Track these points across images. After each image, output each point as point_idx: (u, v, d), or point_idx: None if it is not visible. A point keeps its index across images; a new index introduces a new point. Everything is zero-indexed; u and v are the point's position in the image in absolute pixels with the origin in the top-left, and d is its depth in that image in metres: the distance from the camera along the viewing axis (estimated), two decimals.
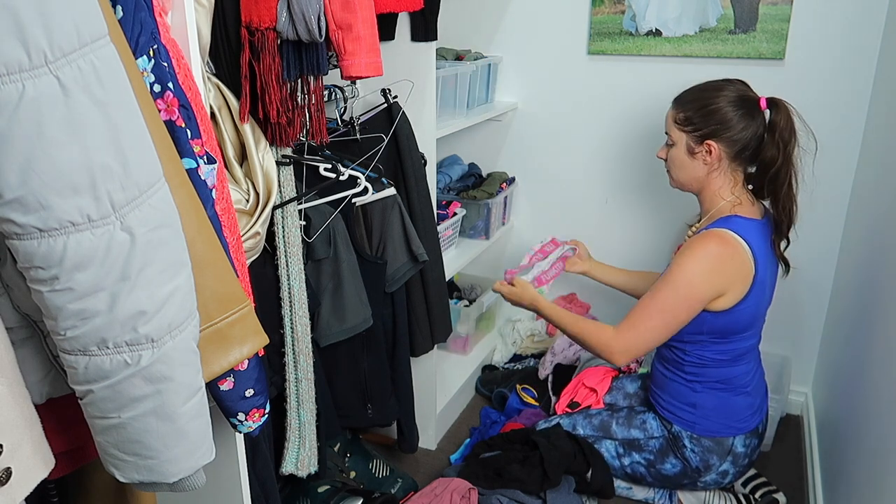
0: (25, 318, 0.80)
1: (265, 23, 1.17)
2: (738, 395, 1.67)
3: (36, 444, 0.73)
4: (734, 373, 1.66)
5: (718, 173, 1.62)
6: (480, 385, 2.35)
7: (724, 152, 1.59)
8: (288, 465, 1.49)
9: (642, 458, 1.75)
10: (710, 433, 1.68)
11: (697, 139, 1.61)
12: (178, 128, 0.85)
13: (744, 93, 1.59)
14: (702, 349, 1.65)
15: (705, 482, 1.72)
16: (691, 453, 1.69)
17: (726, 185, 1.63)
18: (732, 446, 1.68)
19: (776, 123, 1.56)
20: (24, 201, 0.63)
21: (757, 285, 1.57)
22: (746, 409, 1.68)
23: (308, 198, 1.47)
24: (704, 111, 1.59)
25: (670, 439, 1.72)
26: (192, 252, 0.79)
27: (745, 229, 1.57)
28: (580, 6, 2.17)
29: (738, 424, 1.67)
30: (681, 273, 1.55)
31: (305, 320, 1.44)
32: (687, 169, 1.65)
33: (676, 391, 1.71)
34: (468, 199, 2.22)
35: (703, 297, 1.55)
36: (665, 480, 1.75)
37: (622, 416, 1.81)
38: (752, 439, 1.70)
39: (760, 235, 1.59)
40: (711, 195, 1.65)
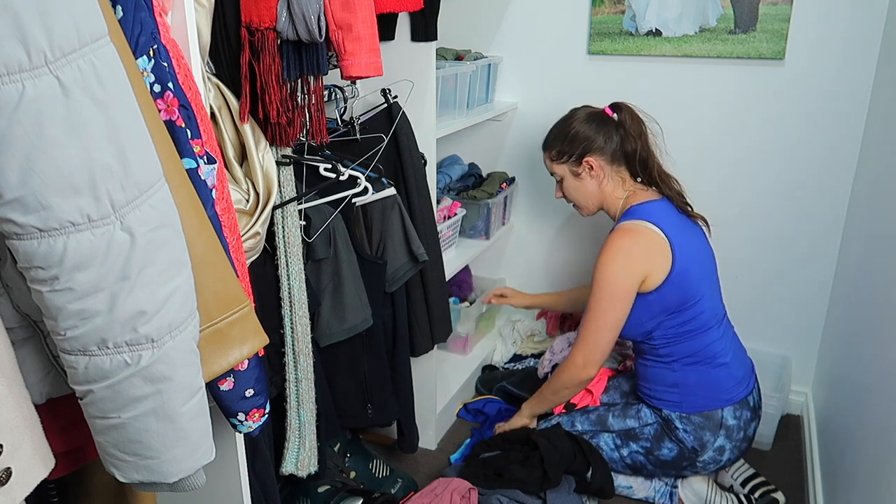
0: (25, 318, 0.80)
1: (265, 23, 1.17)
2: (716, 366, 1.72)
3: (36, 444, 0.73)
4: (704, 342, 1.72)
5: (608, 181, 1.80)
6: (480, 385, 2.35)
7: (602, 161, 1.78)
8: (288, 465, 1.49)
9: (640, 447, 1.78)
10: (698, 408, 1.72)
11: (576, 162, 1.80)
12: (178, 128, 0.85)
13: (590, 109, 1.83)
14: (664, 329, 1.72)
15: (705, 462, 1.74)
16: (684, 434, 1.72)
17: (618, 185, 1.81)
18: (723, 419, 1.71)
19: (623, 122, 1.77)
20: (25, 201, 0.63)
21: (678, 254, 1.66)
22: (728, 379, 1.73)
23: (308, 198, 1.47)
24: (568, 138, 1.80)
25: (663, 424, 1.76)
26: (192, 252, 0.79)
27: (644, 211, 1.72)
28: (580, 6, 2.17)
29: (723, 396, 1.72)
30: (601, 276, 1.69)
31: (305, 320, 1.44)
32: (582, 191, 1.84)
33: (657, 376, 1.76)
34: (468, 199, 2.22)
35: (629, 288, 1.67)
36: (665, 466, 1.77)
37: (618, 409, 1.84)
38: (743, 411, 1.73)
39: (662, 210, 1.73)
40: (611, 202, 1.82)
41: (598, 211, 1.87)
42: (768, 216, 2.12)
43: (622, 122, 1.78)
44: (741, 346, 1.84)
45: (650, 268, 1.66)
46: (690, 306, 1.69)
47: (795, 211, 2.09)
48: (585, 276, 2.44)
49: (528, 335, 2.51)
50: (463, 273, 2.49)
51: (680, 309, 1.69)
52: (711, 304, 1.74)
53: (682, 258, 1.67)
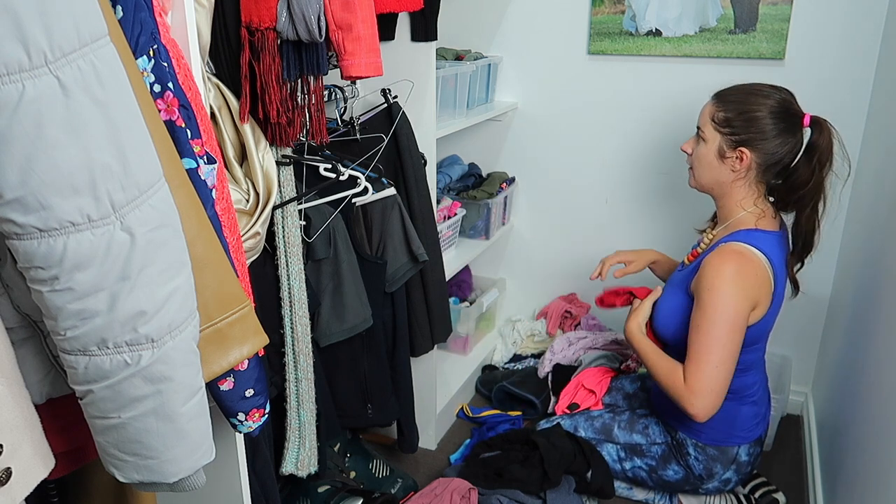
0: (25, 318, 0.80)
1: (265, 23, 1.17)
2: (745, 404, 1.65)
3: (36, 444, 0.73)
4: (744, 383, 1.63)
5: (743, 183, 1.57)
6: (480, 385, 2.35)
7: (756, 163, 1.54)
8: (288, 465, 1.49)
9: (644, 464, 1.75)
10: (716, 442, 1.66)
11: (732, 144, 1.55)
12: (178, 128, 0.85)
13: (789, 105, 1.53)
14: None
15: (707, 489, 1.72)
16: (695, 461, 1.68)
17: (749, 196, 1.58)
18: (737, 455, 1.67)
19: (817, 145, 1.50)
20: (24, 201, 0.63)
21: (776, 298, 1.56)
22: (752, 418, 1.67)
23: (308, 198, 1.47)
24: (746, 116, 1.52)
25: (674, 446, 1.71)
26: (192, 252, 0.79)
27: (764, 243, 1.53)
28: (580, 6, 2.17)
29: (743, 434, 1.66)
30: (716, 301, 1.49)
31: (305, 320, 1.44)
32: (713, 171, 1.60)
33: None
34: (468, 199, 2.22)
35: (744, 314, 1.51)
36: (666, 486, 1.75)
37: (624, 419, 1.80)
38: (756, 448, 1.70)
39: (778, 248, 1.56)
40: (733, 204, 1.60)
41: (703, 191, 1.66)
42: None
43: (814, 145, 1.51)
44: (767, 379, 1.75)
45: (757, 299, 1.51)
46: (750, 351, 1.60)
47: None
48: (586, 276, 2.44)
49: (528, 335, 2.51)
50: (463, 273, 2.49)
51: (742, 349, 1.56)
52: (762, 352, 1.66)
53: (776, 306, 1.56)
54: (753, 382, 1.66)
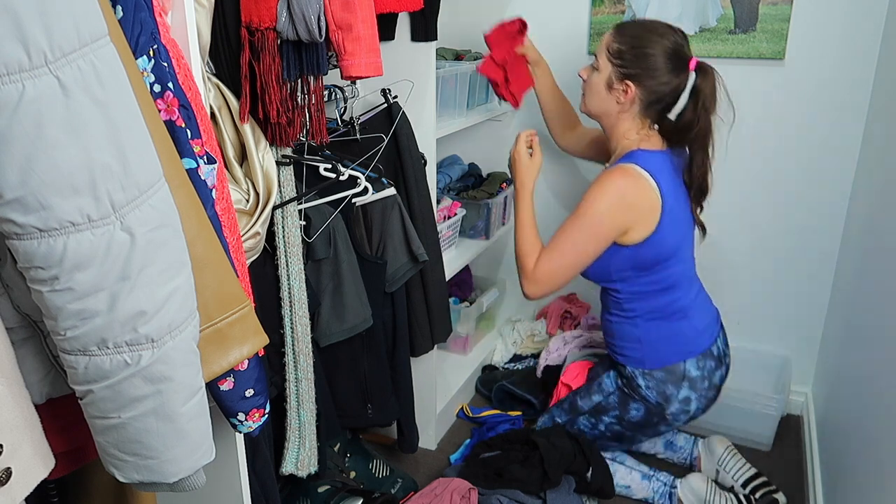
0: (25, 318, 0.80)
1: (265, 23, 1.17)
2: (678, 320, 1.72)
3: (36, 444, 0.73)
4: (667, 300, 1.71)
5: (628, 116, 1.65)
6: (480, 385, 2.35)
7: (639, 98, 1.61)
8: (288, 465, 1.49)
9: (612, 417, 1.80)
10: (660, 364, 1.72)
11: (620, 76, 1.62)
12: (178, 128, 0.85)
13: (680, 48, 1.60)
14: (632, 284, 1.70)
15: (674, 415, 1.75)
16: (647, 390, 1.73)
17: (633, 128, 1.66)
18: (685, 371, 1.71)
19: (701, 89, 1.58)
20: (24, 201, 0.63)
21: (666, 214, 1.61)
22: (690, 331, 1.72)
23: (308, 198, 1.47)
24: (637, 52, 1.59)
25: (625, 385, 1.77)
26: (192, 252, 0.79)
27: (649, 161, 1.61)
28: (580, 6, 2.17)
29: (684, 348, 1.72)
30: (589, 208, 1.60)
31: (305, 320, 1.44)
32: (601, 100, 1.67)
33: (622, 332, 1.76)
34: (468, 199, 2.22)
35: (610, 231, 1.60)
36: (639, 427, 1.79)
37: (583, 389, 1.87)
38: (707, 361, 1.73)
39: (666, 166, 1.63)
40: (619, 135, 1.68)
41: (592, 117, 1.74)
42: (768, 216, 2.12)
43: (698, 89, 1.58)
44: (706, 297, 1.82)
45: (636, 222, 1.60)
46: (662, 268, 1.67)
47: (795, 211, 2.09)
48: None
49: (528, 335, 2.51)
50: (463, 273, 2.49)
51: (652, 268, 1.66)
52: (683, 266, 1.72)
53: (668, 223, 1.62)
54: (679, 297, 1.72)
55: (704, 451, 1.92)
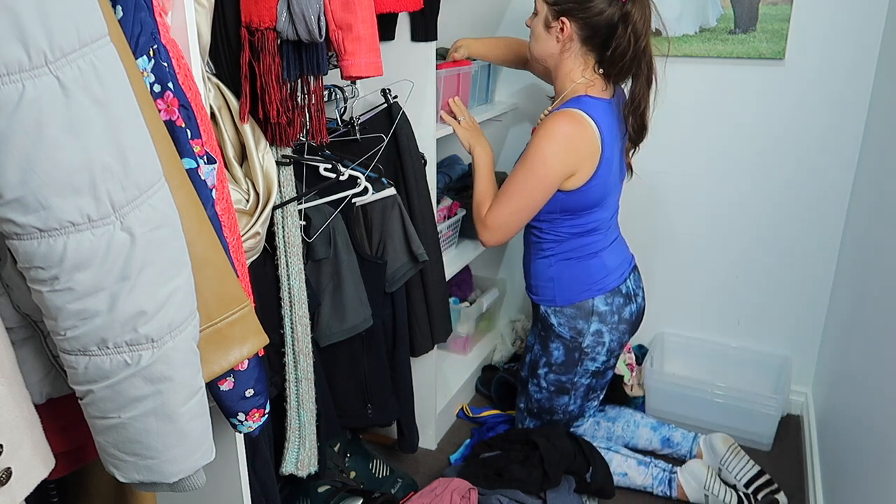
0: (25, 318, 0.80)
1: (265, 23, 1.17)
2: (588, 258, 1.77)
3: (36, 444, 0.73)
4: (583, 242, 1.76)
5: (570, 54, 1.66)
6: (480, 385, 2.35)
7: (577, 33, 1.63)
8: (288, 465, 1.49)
9: (544, 368, 1.86)
10: (569, 301, 1.78)
11: (555, 14, 1.64)
12: (178, 128, 0.85)
13: None
14: (556, 226, 1.75)
15: (592, 347, 1.80)
16: (560, 328, 1.80)
17: (577, 67, 1.67)
18: (593, 307, 1.78)
19: (630, 15, 1.56)
20: (25, 201, 0.63)
21: (604, 163, 1.64)
22: (599, 270, 1.77)
23: (308, 198, 1.47)
24: None
25: (542, 330, 1.84)
26: (192, 252, 0.79)
27: (594, 108, 1.62)
28: None
29: (592, 286, 1.77)
30: (536, 154, 1.62)
31: (305, 320, 1.44)
32: (542, 42, 1.69)
33: (537, 270, 1.82)
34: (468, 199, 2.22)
35: (558, 175, 1.63)
36: (566, 368, 1.84)
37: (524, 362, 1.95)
38: (615, 298, 1.79)
39: (609, 114, 1.66)
40: (563, 76, 1.70)
41: (539, 63, 1.75)
42: (768, 216, 2.12)
43: (628, 15, 1.56)
44: (623, 242, 1.87)
45: (578, 167, 1.63)
46: (589, 214, 1.72)
47: (795, 211, 2.09)
48: None
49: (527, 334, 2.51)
50: (463, 273, 2.48)
51: (577, 214, 1.71)
52: (607, 213, 1.76)
53: (604, 170, 1.65)
54: (596, 240, 1.77)
55: (706, 448, 1.91)
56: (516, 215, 1.70)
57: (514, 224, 1.71)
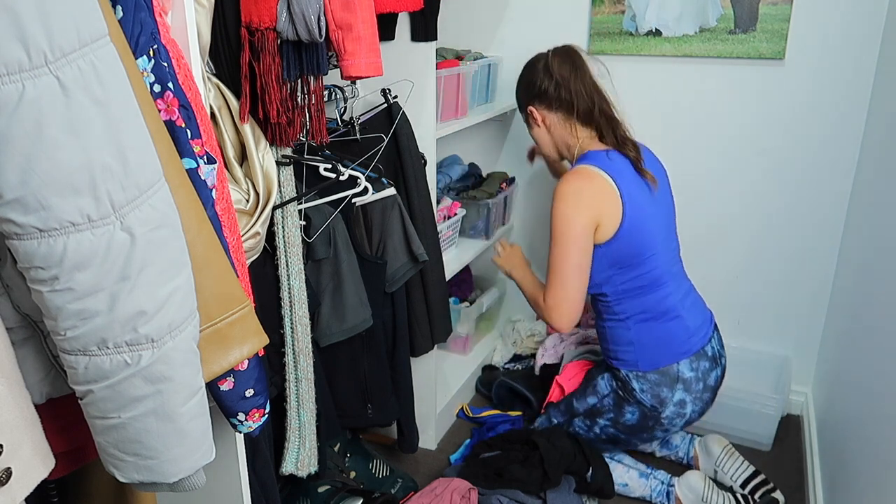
0: (25, 318, 0.80)
1: (265, 23, 1.17)
2: (669, 321, 1.72)
3: (36, 444, 0.73)
4: (655, 298, 1.72)
5: (555, 128, 1.78)
6: (480, 385, 2.35)
7: (542, 109, 1.77)
8: (288, 465, 1.49)
9: (607, 420, 1.80)
10: (654, 366, 1.72)
11: (525, 109, 1.82)
12: (178, 128, 0.85)
13: (542, 57, 1.78)
14: (615, 285, 1.72)
15: (669, 418, 1.75)
16: (642, 394, 1.73)
17: (567, 133, 1.78)
18: (679, 373, 1.72)
19: (552, 67, 1.73)
20: (24, 201, 0.63)
21: (629, 205, 1.64)
22: (681, 332, 1.73)
23: (308, 198, 1.47)
24: (519, 86, 1.83)
25: (620, 388, 1.77)
26: (192, 252, 0.79)
27: (596, 158, 1.69)
28: (580, 6, 2.17)
29: (677, 349, 1.72)
30: (555, 219, 1.66)
31: (305, 320, 1.44)
32: (539, 140, 1.84)
33: (614, 335, 1.77)
34: (468, 199, 2.22)
35: (583, 231, 1.64)
36: (635, 431, 1.79)
37: (579, 390, 1.87)
38: (700, 362, 1.73)
39: (610, 161, 1.69)
40: (565, 148, 1.81)
41: (562, 159, 1.86)
42: (768, 216, 2.12)
43: (552, 68, 1.73)
44: (698, 298, 1.84)
45: (601, 214, 1.64)
46: (641, 262, 1.69)
47: (795, 211, 2.09)
48: None
49: (527, 335, 2.51)
50: (463, 273, 2.49)
51: (630, 264, 1.68)
52: (665, 259, 1.73)
53: (632, 211, 1.65)
54: (667, 296, 1.72)
55: (701, 450, 1.92)
56: (569, 285, 1.68)
57: (572, 295, 1.68)
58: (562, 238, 1.65)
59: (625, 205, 1.64)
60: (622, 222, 1.64)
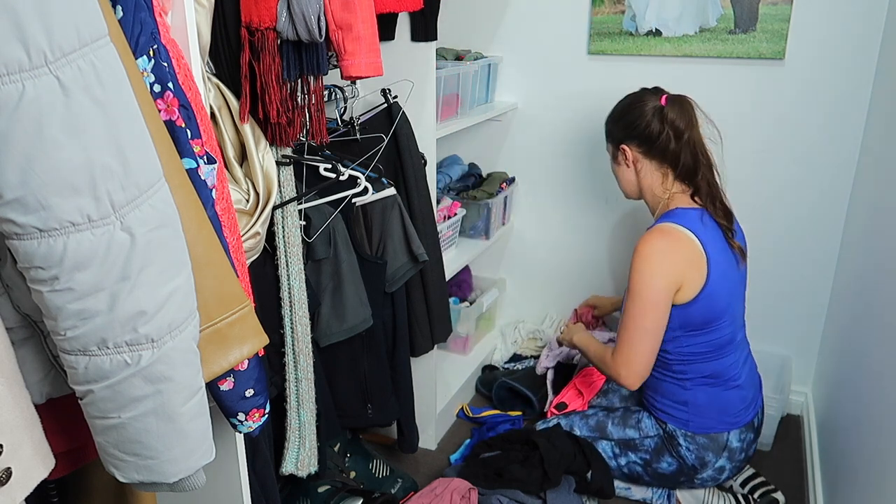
0: (25, 318, 0.80)
1: (265, 23, 1.17)
2: (729, 388, 1.67)
3: (36, 444, 0.73)
4: (721, 365, 1.66)
5: (645, 174, 1.71)
6: (480, 385, 2.35)
7: (638, 152, 1.70)
8: (288, 465, 1.49)
9: (638, 458, 1.75)
10: (704, 430, 1.68)
11: (616, 145, 1.74)
12: (178, 128, 0.85)
13: (651, 94, 1.70)
14: (681, 345, 1.66)
15: (702, 479, 1.72)
16: (686, 451, 1.69)
17: (656, 182, 1.71)
18: (727, 442, 1.68)
19: (666, 116, 1.64)
20: (24, 201, 0.63)
21: (714, 270, 1.59)
22: (739, 402, 1.68)
23: (308, 198, 1.47)
24: (616, 119, 1.75)
25: (665, 438, 1.72)
26: (192, 252, 0.79)
27: (685, 217, 1.62)
28: (580, 6, 2.17)
29: (731, 419, 1.68)
30: (636, 278, 1.60)
31: (305, 320, 1.44)
32: (622, 178, 1.78)
33: (667, 390, 1.71)
34: (468, 199, 2.22)
35: (664, 293, 1.58)
36: (662, 479, 1.75)
37: (618, 416, 1.81)
38: (748, 433, 1.70)
39: (700, 222, 1.63)
40: (649, 196, 1.74)
41: (639, 198, 1.78)
42: (768, 216, 2.12)
43: (665, 115, 1.64)
44: (754, 364, 1.79)
45: (683, 278, 1.58)
46: (712, 329, 1.63)
47: (795, 211, 2.09)
48: (586, 276, 2.44)
49: (529, 337, 2.51)
50: (463, 273, 2.49)
51: (700, 330, 1.63)
52: (733, 328, 1.68)
53: (715, 279, 1.59)
54: (731, 364, 1.68)
55: None
56: (641, 346, 1.62)
57: (643, 356, 1.62)
58: (639, 298, 1.59)
59: (709, 273, 1.59)
60: (703, 289, 1.59)
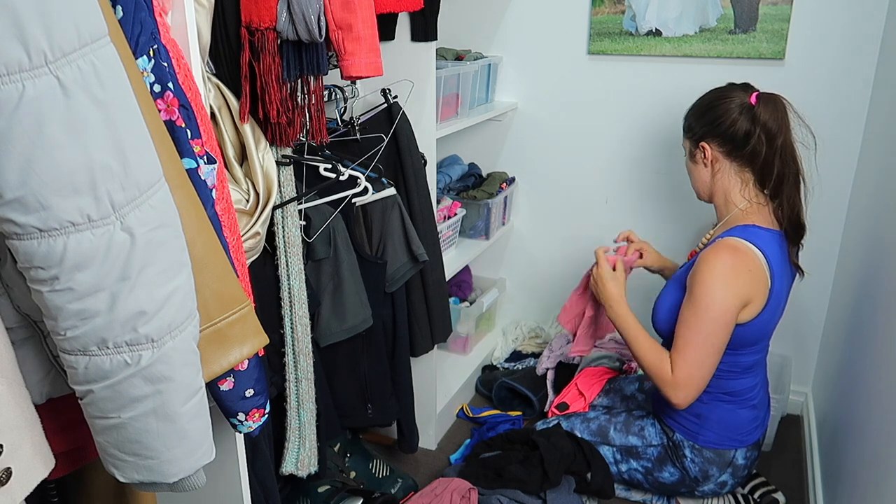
0: (25, 318, 0.80)
1: (265, 23, 1.17)
2: (744, 407, 1.65)
3: (36, 444, 0.73)
4: (743, 385, 1.63)
5: (722, 175, 1.61)
6: (480, 385, 2.35)
7: (719, 151, 1.60)
8: (288, 465, 1.49)
9: (640, 466, 1.75)
10: (713, 445, 1.66)
11: (695, 142, 1.64)
12: (178, 128, 0.85)
13: (740, 90, 1.59)
14: None
15: (703, 491, 1.72)
16: (691, 463, 1.68)
17: (734, 187, 1.60)
18: (733, 459, 1.66)
19: (757, 116, 1.53)
20: (25, 201, 0.63)
21: (773, 297, 1.54)
22: (751, 422, 1.66)
23: (308, 198, 1.47)
24: (698, 114, 1.63)
25: (670, 447, 1.71)
26: (192, 252, 0.79)
27: (761, 239, 1.53)
28: (580, 6, 2.17)
29: (741, 437, 1.66)
30: (704, 293, 1.50)
31: (305, 320, 1.44)
32: (696, 176, 1.68)
33: None
34: (468, 199, 2.22)
35: (733, 309, 1.51)
36: (661, 488, 1.75)
37: (620, 421, 1.80)
38: (753, 452, 1.70)
39: (777, 246, 1.55)
40: (723, 201, 1.64)
41: (710, 201, 1.68)
42: None
43: (756, 117, 1.52)
44: (768, 383, 1.75)
45: (748, 301, 1.51)
46: (748, 352, 1.60)
47: None
48: None
49: (530, 336, 2.51)
50: (463, 273, 2.49)
51: (736, 350, 1.58)
52: (765, 353, 1.66)
53: (773, 305, 1.54)
54: (754, 385, 1.66)
55: None
56: (704, 365, 1.53)
57: (705, 374, 1.54)
58: (706, 315, 1.50)
59: (769, 300, 1.53)
60: (759, 315, 1.54)
